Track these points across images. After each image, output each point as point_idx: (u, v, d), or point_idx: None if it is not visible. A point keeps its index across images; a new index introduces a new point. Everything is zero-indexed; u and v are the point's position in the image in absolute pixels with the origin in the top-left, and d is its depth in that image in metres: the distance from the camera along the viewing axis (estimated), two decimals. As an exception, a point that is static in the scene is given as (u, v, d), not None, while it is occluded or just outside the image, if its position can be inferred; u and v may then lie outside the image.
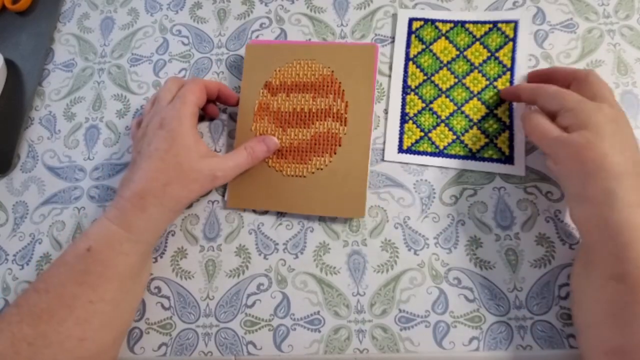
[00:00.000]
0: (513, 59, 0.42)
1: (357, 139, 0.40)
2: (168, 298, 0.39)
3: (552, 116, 0.34)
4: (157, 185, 0.35)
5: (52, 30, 0.49)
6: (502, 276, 0.37)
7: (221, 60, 0.46)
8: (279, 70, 0.42)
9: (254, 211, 0.41)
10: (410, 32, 0.44)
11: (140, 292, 0.38)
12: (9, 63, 0.48)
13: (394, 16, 0.45)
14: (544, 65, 0.42)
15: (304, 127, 0.41)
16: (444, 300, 0.37)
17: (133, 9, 0.49)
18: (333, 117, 0.40)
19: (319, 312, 0.38)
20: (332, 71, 0.41)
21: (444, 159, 0.40)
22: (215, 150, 0.43)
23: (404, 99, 0.42)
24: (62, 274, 0.33)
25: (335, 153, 0.40)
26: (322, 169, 0.40)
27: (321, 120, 0.40)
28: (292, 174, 0.40)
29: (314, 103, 0.41)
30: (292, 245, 0.40)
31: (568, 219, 0.38)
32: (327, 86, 0.41)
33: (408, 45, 0.44)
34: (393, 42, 0.44)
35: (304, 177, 0.40)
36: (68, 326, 0.32)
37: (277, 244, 0.40)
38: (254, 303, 0.38)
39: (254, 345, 0.37)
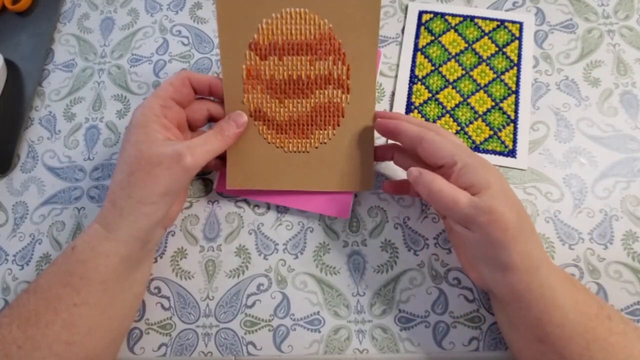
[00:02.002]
0: (519, 56, 0.42)
1: (361, 108, 0.36)
2: (168, 298, 0.39)
3: (432, 168, 0.32)
4: (122, 176, 0.33)
5: (52, 30, 0.49)
6: (502, 276, 0.37)
7: (221, 61, 0.46)
8: (266, 25, 0.36)
9: (254, 211, 0.41)
10: (419, 24, 0.44)
11: (133, 300, 0.37)
12: (9, 63, 0.48)
13: (395, 16, 0.45)
14: (543, 65, 0.42)
15: (303, 98, 0.37)
16: (443, 301, 0.37)
17: (133, 10, 0.49)
18: (334, 84, 0.36)
19: (318, 312, 0.38)
20: (331, 27, 0.35)
21: None
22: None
23: (410, 89, 0.42)
24: (50, 275, 0.33)
25: (338, 125, 0.37)
26: (325, 143, 0.37)
27: (321, 89, 0.37)
28: (294, 149, 0.38)
29: (312, 68, 0.36)
30: (292, 246, 0.40)
31: (568, 220, 0.38)
32: (326, 46, 0.36)
33: (417, 36, 0.44)
34: (395, 41, 0.44)
35: (307, 152, 0.38)
36: (54, 330, 0.31)
37: (277, 244, 0.40)
38: (253, 303, 0.38)
39: (254, 346, 0.37)
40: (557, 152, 0.40)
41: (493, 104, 0.41)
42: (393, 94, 0.43)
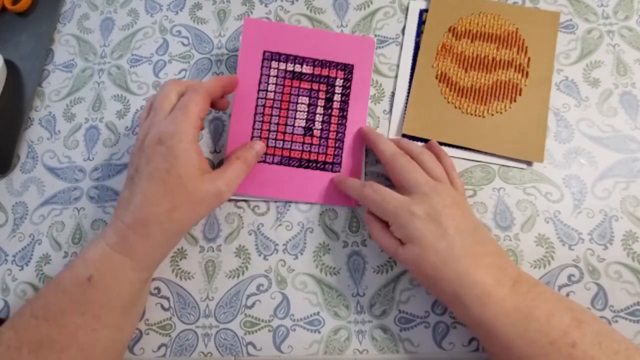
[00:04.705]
0: None
1: (537, 91, 0.41)
2: (168, 299, 0.39)
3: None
4: (161, 211, 0.32)
5: (52, 31, 0.49)
6: (502, 277, 0.37)
7: (221, 61, 0.46)
8: (464, 19, 0.44)
9: (254, 212, 0.41)
10: (420, 23, 0.44)
11: (141, 311, 0.38)
12: (8, 64, 0.48)
13: (394, 16, 0.45)
14: (543, 66, 0.42)
15: (486, 73, 0.42)
16: (443, 301, 0.37)
17: (133, 10, 0.49)
18: (515, 68, 0.42)
19: (318, 312, 0.38)
20: (517, 28, 0.43)
21: (450, 148, 0.41)
22: (215, 151, 0.43)
23: (410, 89, 0.42)
24: (63, 303, 0.32)
25: (515, 101, 0.41)
26: (501, 113, 0.41)
27: (503, 69, 0.42)
28: (471, 112, 0.41)
29: (498, 53, 0.42)
30: (292, 246, 0.40)
31: (567, 220, 0.38)
32: (512, 40, 0.43)
33: (418, 35, 0.44)
34: (395, 41, 0.44)
35: (483, 117, 0.41)
36: (71, 353, 0.31)
37: (277, 244, 0.40)
38: (253, 304, 0.38)
39: (254, 346, 0.37)
40: (557, 152, 0.40)
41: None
42: (393, 94, 0.43)
